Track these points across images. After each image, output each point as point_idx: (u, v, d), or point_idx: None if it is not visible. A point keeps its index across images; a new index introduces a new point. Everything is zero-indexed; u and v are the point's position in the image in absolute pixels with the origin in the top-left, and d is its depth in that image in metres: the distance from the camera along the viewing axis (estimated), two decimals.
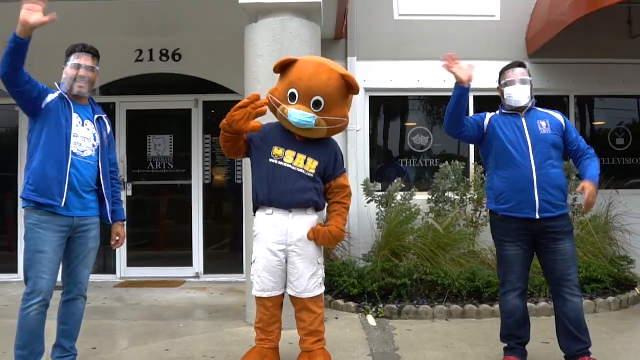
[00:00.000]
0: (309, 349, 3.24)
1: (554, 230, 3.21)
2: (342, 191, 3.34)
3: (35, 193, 2.93)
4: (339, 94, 3.23)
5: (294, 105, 3.16)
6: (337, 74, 3.21)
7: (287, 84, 3.22)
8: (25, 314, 2.90)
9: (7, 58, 2.77)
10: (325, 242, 3.25)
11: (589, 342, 3.21)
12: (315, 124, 3.14)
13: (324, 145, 3.29)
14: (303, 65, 3.22)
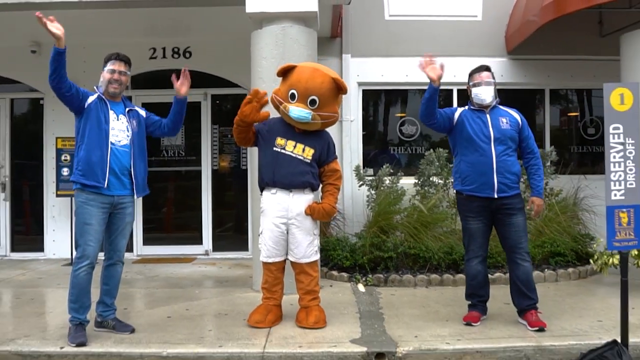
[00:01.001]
0: (307, 305, 3.97)
1: (509, 207, 3.91)
2: (334, 174, 4.04)
3: (83, 177, 3.62)
4: (331, 94, 3.91)
5: (294, 103, 3.85)
6: (329, 77, 3.89)
7: (288, 86, 3.90)
8: (76, 274, 3.61)
9: (54, 69, 3.47)
10: (320, 217, 3.95)
11: (536, 299, 3.92)
12: (311, 119, 3.83)
13: (319, 136, 3.99)
14: (301, 70, 3.91)
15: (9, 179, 7.12)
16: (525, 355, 3.45)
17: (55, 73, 3.52)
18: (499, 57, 6.97)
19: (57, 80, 3.54)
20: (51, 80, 3.56)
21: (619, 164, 3.17)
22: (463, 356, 3.45)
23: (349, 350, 3.45)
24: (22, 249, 7.10)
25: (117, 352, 3.46)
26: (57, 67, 3.51)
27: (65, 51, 3.51)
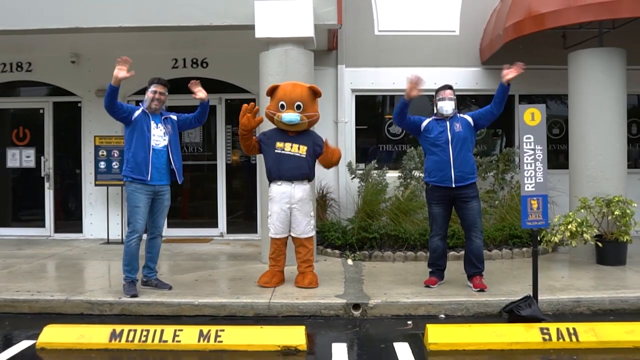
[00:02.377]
0: (303, 271, 5.20)
1: (465, 195, 5.08)
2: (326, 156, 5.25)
3: (132, 172, 4.85)
4: (310, 98, 5.15)
5: (284, 111, 5.07)
6: (306, 87, 5.14)
7: (276, 100, 5.13)
8: (128, 244, 4.85)
9: (107, 98, 4.70)
10: (335, 154, 5.20)
11: (482, 268, 5.11)
12: (299, 120, 5.04)
13: (307, 135, 5.21)
14: (284, 87, 5.16)
15: (52, 171, 8.39)
16: (465, 307, 4.65)
17: (110, 101, 4.74)
18: (474, 67, 8.14)
19: (110, 106, 4.77)
20: (106, 105, 4.79)
21: (530, 164, 4.35)
22: (418, 307, 4.66)
23: (333, 302, 4.67)
24: (63, 231, 8.39)
25: (161, 301, 4.71)
26: (111, 97, 4.73)
27: (119, 88, 4.71)
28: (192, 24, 6.25)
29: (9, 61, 8.32)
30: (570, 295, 4.79)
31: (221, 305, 4.66)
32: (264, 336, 3.93)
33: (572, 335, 3.89)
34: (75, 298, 4.80)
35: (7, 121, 8.55)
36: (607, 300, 4.72)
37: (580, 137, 6.46)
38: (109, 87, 4.68)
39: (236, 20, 6.20)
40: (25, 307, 4.80)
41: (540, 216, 4.39)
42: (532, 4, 6.55)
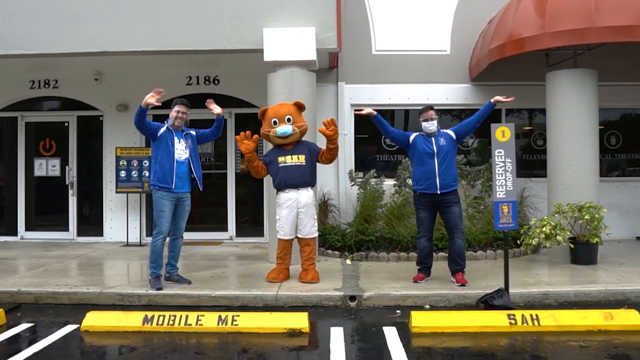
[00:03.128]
0: (306, 268, 5.94)
1: (448, 200, 5.81)
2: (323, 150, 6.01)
3: (159, 182, 5.61)
4: (297, 112, 5.96)
5: (277, 126, 5.83)
6: (291, 104, 6.00)
7: (268, 119, 5.94)
8: (155, 243, 5.61)
9: (137, 117, 5.46)
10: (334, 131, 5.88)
11: (464, 265, 5.84)
12: (292, 131, 5.81)
13: (302, 145, 5.99)
14: (273, 107, 6.07)
15: (76, 179, 9.18)
16: (447, 299, 5.38)
17: (140, 120, 5.50)
18: (464, 83, 8.89)
19: (139, 123, 5.53)
20: (136, 123, 5.55)
21: (501, 174, 5.09)
22: (406, 298, 5.39)
23: (332, 294, 5.41)
24: (85, 234, 9.17)
25: (182, 293, 5.45)
26: (140, 117, 5.49)
27: (147, 109, 5.47)
28: (208, 48, 7.04)
29: (37, 78, 9.14)
30: (540, 289, 5.51)
31: (235, 296, 5.40)
32: (273, 320, 4.68)
33: (535, 320, 4.62)
34: (108, 291, 5.56)
35: (34, 133, 9.35)
36: (572, 293, 5.44)
37: (556, 149, 7.20)
38: (139, 108, 5.44)
39: (247, 45, 6.98)
40: (64, 299, 5.56)
41: (511, 219, 5.13)
42: (513, 29, 7.31)
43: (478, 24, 8.78)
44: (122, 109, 8.95)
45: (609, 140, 9.25)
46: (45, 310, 5.40)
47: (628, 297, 5.42)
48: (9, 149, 9.36)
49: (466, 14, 8.91)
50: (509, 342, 4.41)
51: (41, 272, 6.59)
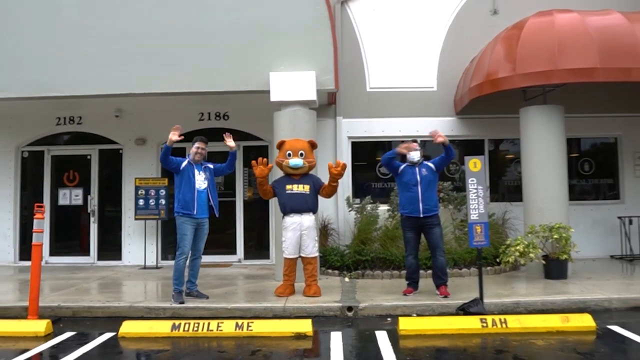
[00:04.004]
0: (309, 284, 6.84)
1: (430, 222, 6.73)
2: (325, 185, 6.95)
3: (182, 209, 6.56)
4: (309, 149, 6.92)
5: (291, 158, 6.79)
6: (306, 141, 6.97)
7: (284, 151, 6.90)
8: (178, 263, 6.53)
9: (163, 154, 6.45)
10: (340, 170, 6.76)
11: (446, 279, 6.74)
12: (302, 164, 6.77)
13: (308, 177, 6.94)
14: (290, 141, 7.01)
15: (97, 207, 10.13)
16: (431, 308, 6.27)
17: (165, 157, 6.49)
18: (449, 117, 9.91)
19: (165, 160, 6.52)
20: (161, 159, 6.55)
21: (474, 199, 6.04)
22: (396, 308, 6.28)
23: (332, 305, 6.31)
24: (105, 258, 10.07)
25: (202, 306, 6.35)
26: (166, 154, 6.48)
27: (172, 147, 6.45)
28: (222, 90, 8.08)
29: (63, 115, 10.16)
30: (512, 299, 6.41)
31: (247, 308, 6.30)
32: (282, 326, 5.58)
33: (503, 323, 5.52)
34: (137, 305, 6.46)
35: (59, 166, 10.33)
36: (540, 302, 6.34)
37: (530, 176, 8.16)
38: (165, 146, 6.42)
39: (255, 87, 8.01)
40: (99, 312, 6.45)
41: (483, 238, 6.06)
42: (489, 70, 8.35)
43: (461, 62, 9.82)
44: (140, 143, 9.96)
45: (582, 166, 10.23)
46: (82, 322, 6.29)
47: (588, 305, 6.31)
48: (35, 180, 10.32)
49: (450, 53, 9.97)
50: (481, 341, 5.31)
51: (73, 290, 7.49)
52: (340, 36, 9.68)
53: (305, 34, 7.94)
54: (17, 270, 9.58)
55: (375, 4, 10.10)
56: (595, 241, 9.73)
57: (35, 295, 6.16)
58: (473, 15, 10.09)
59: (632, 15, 8.17)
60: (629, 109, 10.07)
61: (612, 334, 5.42)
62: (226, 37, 8.00)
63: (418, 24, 10.07)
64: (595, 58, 7.59)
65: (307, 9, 7.93)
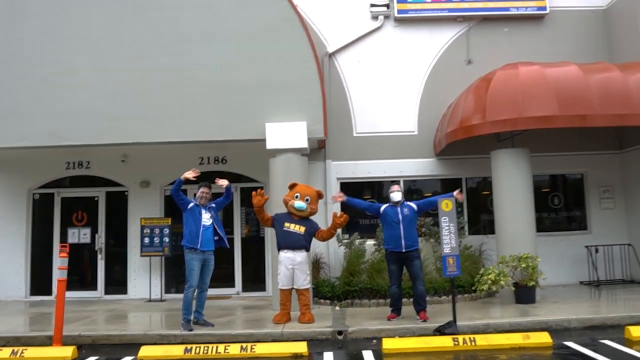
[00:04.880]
0: (304, 312, 7.79)
1: (411, 255, 7.75)
2: (326, 230, 7.95)
3: (189, 243, 7.55)
4: (315, 197, 7.92)
5: (297, 200, 7.82)
6: (315, 190, 7.95)
7: (293, 192, 7.92)
8: (186, 294, 7.47)
9: (175, 187, 7.49)
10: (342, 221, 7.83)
11: (425, 306, 7.72)
12: (305, 208, 7.79)
13: (306, 220, 7.94)
14: (301, 186, 8.00)
15: (104, 245, 11.05)
16: (412, 331, 7.23)
17: (176, 190, 7.53)
18: (429, 158, 11.03)
19: (176, 193, 7.56)
20: (172, 193, 7.59)
21: (447, 235, 7.08)
22: (381, 332, 7.23)
23: (324, 330, 7.25)
24: (111, 293, 10.94)
25: (209, 333, 7.26)
26: (177, 188, 7.51)
27: (183, 182, 7.49)
28: (222, 138, 9.16)
29: (72, 160, 11.16)
30: (483, 321, 7.40)
31: (250, 334, 7.22)
32: (281, 348, 6.52)
33: (472, 341, 6.50)
34: (151, 332, 7.37)
35: (69, 207, 11.28)
36: (507, 323, 7.33)
37: (501, 211, 9.24)
38: (178, 180, 7.50)
39: (252, 135, 9.09)
40: (116, 340, 7.35)
41: (455, 268, 7.09)
42: (462, 118, 9.51)
43: (439, 108, 10.98)
44: (145, 185, 10.96)
45: (553, 200, 11.35)
46: (101, 348, 7.17)
47: (550, 325, 7.31)
48: (45, 220, 11.24)
49: (429, 100, 11.15)
50: (453, 357, 6.28)
51: (88, 321, 8.38)
52: (328, 86, 10.85)
53: (298, 89, 9.09)
54: (28, 305, 10.42)
55: (360, 56, 11.33)
56: (566, 269, 10.77)
57: (60, 324, 7.06)
58: (449, 65, 11.32)
59: (586, 66, 9.41)
60: (594, 147, 11.26)
61: (567, 348, 6.41)
62: (227, 91, 9.11)
63: (399, 74, 11.27)
64: (555, 106, 8.76)
65: (300, 66, 9.10)
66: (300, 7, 10.98)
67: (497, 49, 11.22)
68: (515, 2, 11.43)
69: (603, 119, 8.76)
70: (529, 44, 11.34)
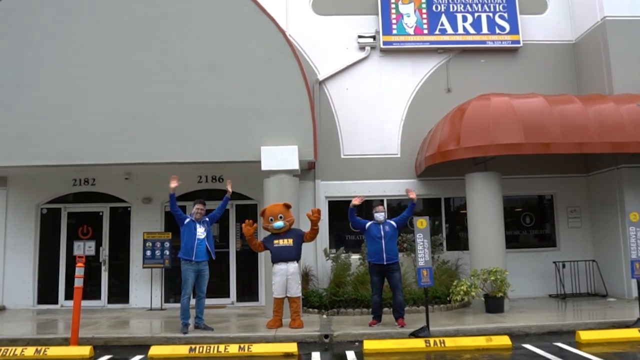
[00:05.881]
0: (294, 318, 8.82)
1: (391, 268, 8.81)
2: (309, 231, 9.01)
3: (185, 255, 8.59)
4: (285, 210, 9.04)
5: (273, 222, 8.89)
6: (281, 204, 9.06)
7: (267, 216, 9.01)
8: (183, 301, 8.53)
9: (171, 202, 8.57)
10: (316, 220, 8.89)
11: (403, 313, 8.77)
12: (283, 225, 8.86)
13: (291, 232, 9.01)
14: (269, 208, 9.13)
15: (108, 257, 12.03)
16: (390, 335, 8.26)
17: (173, 205, 8.58)
18: (411, 179, 12.15)
19: (173, 208, 8.62)
20: (171, 208, 8.63)
21: (421, 250, 8.16)
22: (363, 336, 8.25)
23: (312, 334, 8.28)
24: (114, 302, 11.89)
25: (210, 336, 8.26)
26: (173, 202, 8.56)
27: (174, 194, 8.55)
28: (220, 160, 10.23)
29: (79, 177, 12.16)
30: (454, 327, 8.46)
31: (246, 337, 8.23)
32: (275, 348, 7.55)
33: (442, 342, 7.56)
34: (157, 335, 8.36)
35: (74, 221, 12.25)
36: (475, 329, 8.40)
37: (474, 229, 10.36)
38: (170, 195, 8.57)
39: (248, 157, 10.16)
40: (126, 341, 8.33)
41: (428, 280, 8.16)
42: (440, 143, 10.65)
43: (420, 132, 12.13)
44: (147, 202, 11.98)
45: (524, 219, 12.50)
46: (112, 349, 8.14)
47: (512, 331, 8.37)
48: (53, 234, 12.20)
49: (411, 125, 12.30)
50: (425, 356, 7.33)
51: (98, 326, 9.34)
52: (318, 110, 11.97)
53: (291, 116, 10.20)
54: (36, 313, 11.35)
55: (348, 84, 12.49)
56: (536, 283, 11.88)
57: (76, 327, 8.04)
58: (430, 93, 12.50)
59: (551, 98, 10.61)
60: (563, 171, 12.44)
61: (523, 349, 7.48)
62: (225, 117, 10.20)
63: (384, 100, 12.43)
64: (521, 135, 9.92)
65: (293, 95, 10.23)
66: (294, 37, 12.22)
67: (475, 78, 12.44)
68: (491, 35, 12.65)
69: (564, 147, 9.94)
70: (504, 74, 12.57)
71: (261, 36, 10.43)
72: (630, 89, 11.14)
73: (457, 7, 12.67)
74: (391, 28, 12.57)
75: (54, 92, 10.37)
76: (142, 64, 10.39)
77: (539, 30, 12.86)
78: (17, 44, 10.47)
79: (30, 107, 10.35)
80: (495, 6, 12.70)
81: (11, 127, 10.28)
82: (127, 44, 10.46)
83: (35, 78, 10.40)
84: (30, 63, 10.44)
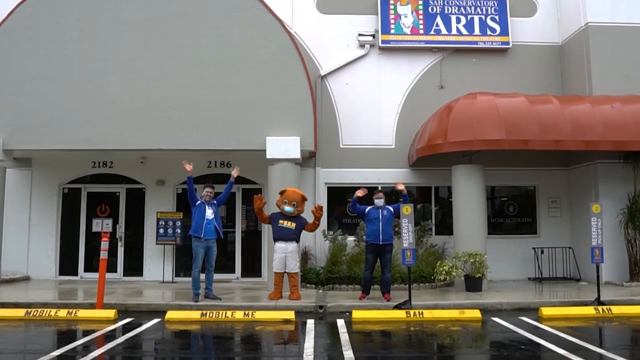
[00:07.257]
0: (292, 291, 10.06)
1: (385, 248, 9.98)
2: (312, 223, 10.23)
3: (195, 232, 9.81)
4: (301, 200, 10.21)
5: (286, 204, 10.09)
6: (300, 194, 10.21)
7: (283, 198, 10.19)
8: (193, 273, 9.77)
9: (189, 185, 9.77)
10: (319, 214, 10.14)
11: (389, 289, 9.98)
12: (293, 210, 10.06)
13: (296, 218, 10.22)
14: (288, 191, 10.25)
15: (124, 234, 13.28)
16: (377, 307, 9.47)
17: (190, 186, 9.77)
18: (404, 168, 13.31)
19: (190, 192, 9.79)
20: (189, 190, 9.83)
21: (406, 233, 9.35)
22: (352, 307, 9.48)
23: (308, 304, 9.52)
24: (129, 275, 13.15)
25: (218, 304, 9.50)
26: (192, 186, 9.76)
27: (192, 177, 9.75)
28: (229, 148, 11.42)
29: (98, 160, 13.36)
30: (434, 302, 9.67)
31: (249, 306, 9.46)
32: (275, 315, 8.79)
33: (420, 314, 8.79)
34: (172, 302, 9.62)
35: (93, 200, 13.49)
36: (452, 304, 9.61)
37: (458, 216, 11.54)
38: (188, 177, 9.75)
39: (255, 146, 11.33)
40: (144, 308, 9.58)
41: (412, 259, 9.37)
42: (429, 137, 11.79)
43: (414, 125, 13.25)
44: (160, 184, 13.19)
45: (508, 208, 13.67)
46: (133, 313, 9.38)
47: (485, 307, 9.58)
48: (73, 212, 13.44)
49: (405, 118, 13.43)
50: (405, 324, 8.56)
51: (116, 295, 10.61)
52: (320, 103, 13.11)
53: (294, 109, 11.35)
54: (58, 282, 12.62)
55: (348, 79, 13.61)
56: (516, 266, 13.09)
57: (102, 294, 9.29)
58: (424, 89, 13.60)
59: (532, 97, 11.71)
60: (545, 164, 13.56)
61: (491, 321, 8.70)
62: (234, 109, 11.35)
63: (381, 95, 13.55)
64: (503, 131, 11.05)
65: (296, 91, 11.36)
66: (299, 34, 13.32)
67: (466, 76, 13.54)
68: (482, 36, 13.72)
69: (541, 144, 11.07)
70: (493, 73, 13.65)
71: (269, 36, 11.53)
72: (608, 91, 12.21)
73: (451, 9, 13.72)
74: (389, 27, 13.65)
75: (78, 84, 11.50)
76: (159, 60, 11.51)
77: (528, 32, 13.91)
78: (44, 38, 11.59)
79: (55, 97, 11.50)
80: (488, 9, 13.74)
81: (38, 115, 11.45)
82: (145, 41, 11.57)
83: (60, 70, 11.53)
84: (56, 57, 11.56)
